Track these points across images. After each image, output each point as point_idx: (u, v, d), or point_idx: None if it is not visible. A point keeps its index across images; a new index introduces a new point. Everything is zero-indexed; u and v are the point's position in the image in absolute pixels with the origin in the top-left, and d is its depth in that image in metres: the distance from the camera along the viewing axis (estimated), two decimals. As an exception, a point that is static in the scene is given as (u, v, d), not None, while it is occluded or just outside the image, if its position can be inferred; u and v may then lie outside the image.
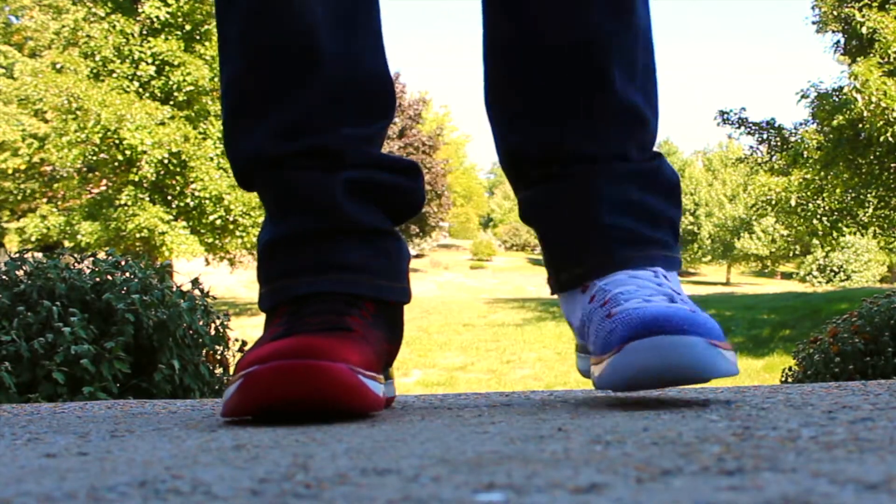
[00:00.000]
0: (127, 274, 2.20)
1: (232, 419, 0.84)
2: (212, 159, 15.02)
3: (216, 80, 15.35)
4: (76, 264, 2.23)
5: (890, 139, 11.72)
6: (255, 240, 15.78)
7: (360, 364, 0.79)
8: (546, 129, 0.97)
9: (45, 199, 17.73)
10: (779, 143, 14.19)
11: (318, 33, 0.91)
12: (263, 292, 0.95)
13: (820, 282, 30.28)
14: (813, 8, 14.14)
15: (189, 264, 18.88)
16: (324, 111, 0.93)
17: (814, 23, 14.23)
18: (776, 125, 14.21)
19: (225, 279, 21.70)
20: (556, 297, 1.04)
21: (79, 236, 15.09)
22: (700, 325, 0.79)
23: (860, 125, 12.04)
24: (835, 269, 30.75)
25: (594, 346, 0.88)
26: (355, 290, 0.91)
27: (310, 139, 0.92)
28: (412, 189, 1.00)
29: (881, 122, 11.61)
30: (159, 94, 15.44)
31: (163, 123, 14.83)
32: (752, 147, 14.74)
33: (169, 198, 15.66)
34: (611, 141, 0.96)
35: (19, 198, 17.65)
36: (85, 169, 15.93)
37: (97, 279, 2.17)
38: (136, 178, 15.03)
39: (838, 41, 14.09)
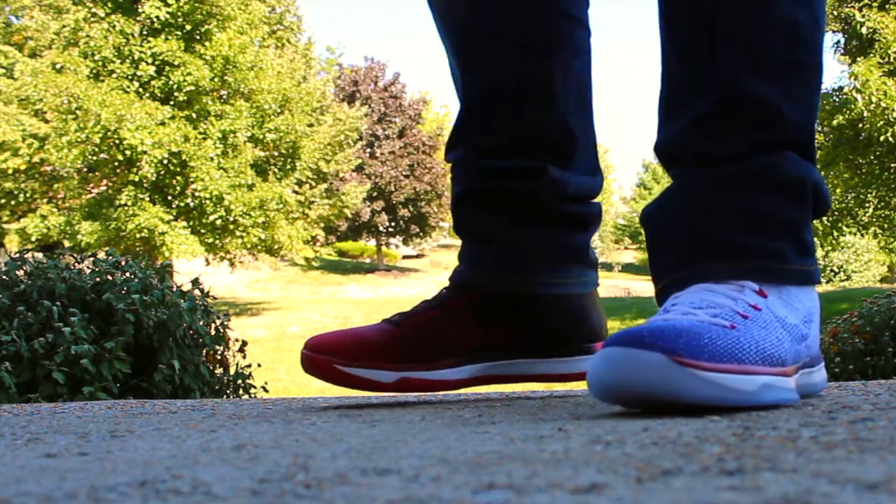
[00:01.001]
0: (127, 274, 2.20)
1: (232, 414, 0.83)
2: (212, 159, 15.02)
3: (216, 80, 15.36)
4: (76, 264, 2.23)
5: (890, 139, 11.72)
6: (254, 240, 15.87)
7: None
8: (674, 126, 0.92)
9: (45, 199, 17.73)
10: (779, 143, 14.17)
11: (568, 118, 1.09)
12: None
13: (820, 282, 30.24)
14: (813, 8, 14.11)
15: (189, 264, 18.89)
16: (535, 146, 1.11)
17: (814, 23, 14.21)
18: (776, 125, 14.20)
19: (225, 279, 21.69)
20: None
21: (79, 236, 15.09)
22: (671, 338, 0.71)
23: (860, 125, 12.04)
24: (835, 269, 30.75)
25: None
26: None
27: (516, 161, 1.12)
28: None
29: (881, 122, 11.61)
30: (159, 95, 15.43)
31: (163, 123, 14.82)
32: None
33: (169, 198, 15.65)
34: (726, 138, 0.87)
35: (20, 198, 17.65)
36: (85, 169, 15.92)
37: (97, 279, 2.17)
38: (136, 178, 15.02)
39: (838, 41, 14.09)
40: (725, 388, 0.72)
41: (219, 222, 15.51)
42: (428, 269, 32.93)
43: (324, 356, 1.01)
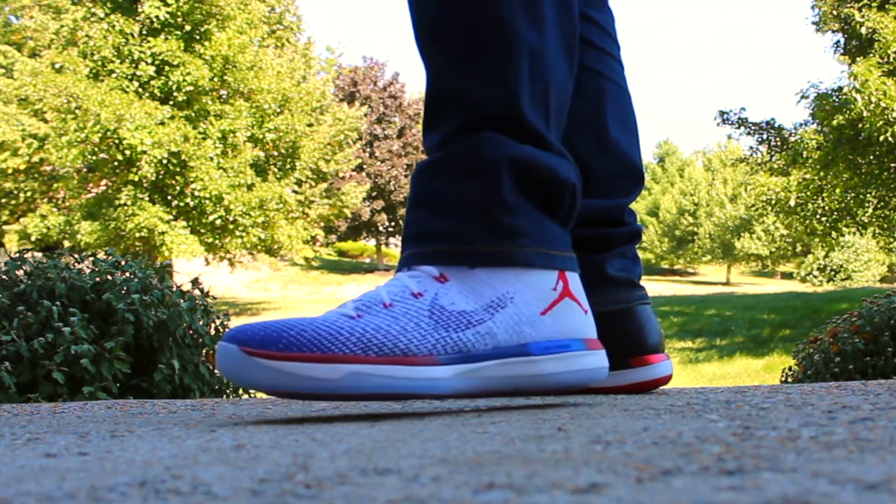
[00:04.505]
0: (127, 274, 2.20)
1: (232, 414, 0.83)
2: (212, 159, 15.01)
3: (216, 79, 15.36)
4: (76, 264, 2.23)
5: (890, 139, 11.72)
6: (254, 240, 15.85)
7: None
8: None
9: (44, 199, 17.72)
10: (778, 144, 14.18)
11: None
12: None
13: (820, 282, 30.29)
14: (813, 8, 14.13)
15: (189, 264, 18.89)
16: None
17: (814, 23, 14.22)
18: (776, 125, 14.21)
19: (225, 279, 21.69)
20: None
21: (79, 236, 15.08)
22: (257, 331, 0.78)
23: (860, 125, 12.04)
24: (835, 269, 30.75)
25: None
26: None
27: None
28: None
29: (881, 122, 11.61)
30: (159, 94, 15.43)
31: (162, 123, 14.82)
32: (751, 147, 14.74)
33: (169, 198, 15.65)
34: (437, 126, 0.90)
35: (19, 198, 17.65)
36: (84, 169, 15.92)
37: (97, 279, 2.17)
38: (136, 178, 15.02)
39: (838, 41, 14.09)
40: (297, 375, 0.76)
41: (218, 222, 15.51)
42: (428, 268, 32.86)
43: None
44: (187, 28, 15.32)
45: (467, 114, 0.87)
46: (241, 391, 2.42)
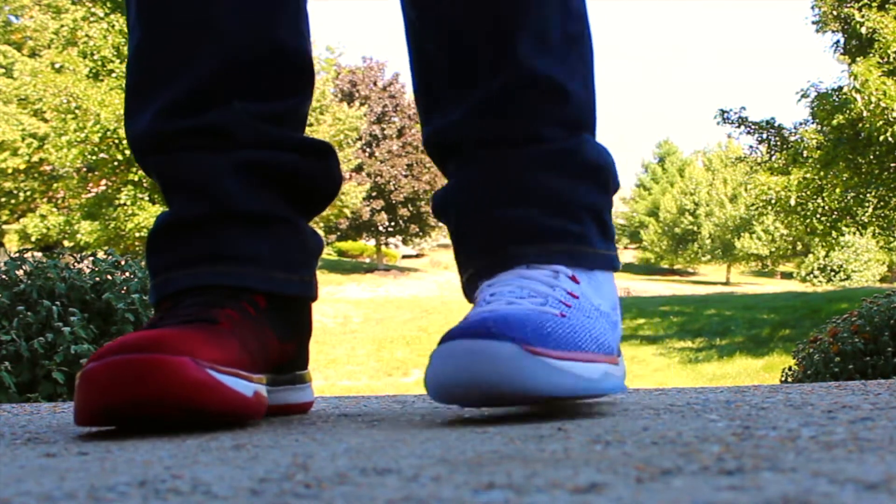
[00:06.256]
0: (127, 273, 2.20)
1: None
2: (211, 159, 15.01)
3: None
4: (76, 264, 2.23)
5: (890, 139, 11.73)
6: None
7: (214, 358, 0.69)
8: (453, 113, 0.85)
9: (44, 199, 17.73)
10: (778, 143, 14.19)
11: (217, 3, 0.84)
12: (150, 287, 0.87)
13: (820, 282, 30.30)
14: (813, 8, 14.14)
15: (189, 264, 18.85)
16: (218, 85, 0.84)
17: (814, 23, 14.23)
18: (776, 125, 14.21)
19: (225, 279, 21.65)
20: None
21: (78, 236, 15.09)
22: (518, 327, 0.67)
23: (860, 125, 12.04)
24: (835, 268, 30.75)
25: None
26: (241, 282, 0.81)
27: (197, 116, 0.83)
28: (320, 170, 0.90)
29: (881, 122, 11.61)
30: (159, 94, 15.43)
31: (162, 123, 14.81)
32: (751, 146, 14.74)
33: (168, 197, 15.65)
34: (520, 120, 0.83)
35: (19, 198, 17.65)
36: (84, 168, 15.92)
37: (97, 279, 2.17)
38: (136, 178, 15.03)
39: (838, 41, 14.08)
40: (575, 376, 0.70)
41: (218, 222, 15.49)
42: (427, 268, 32.93)
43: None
44: (187, 28, 15.31)
45: (568, 114, 0.84)
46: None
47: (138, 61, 0.87)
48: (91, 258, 2.25)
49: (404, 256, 38.11)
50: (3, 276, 2.10)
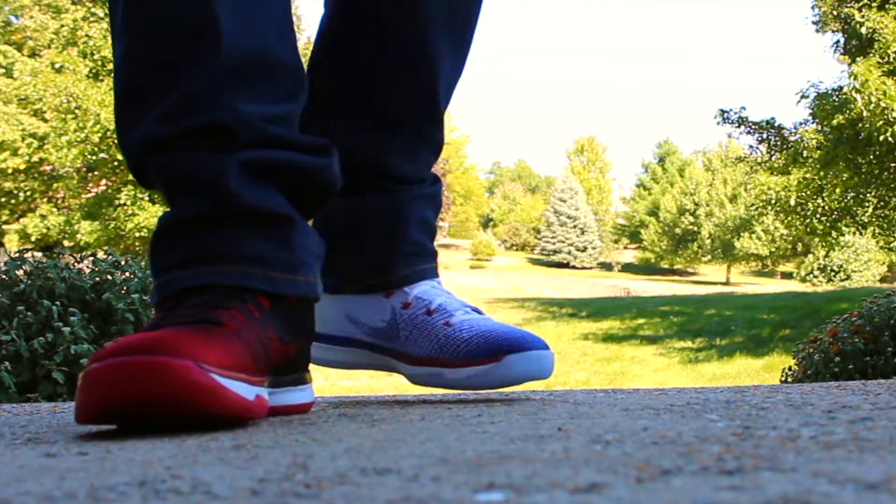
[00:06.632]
0: (127, 274, 2.20)
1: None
2: (211, 159, 15.01)
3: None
4: (76, 264, 2.23)
5: (889, 139, 11.72)
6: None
7: (217, 362, 0.70)
8: (379, 142, 1.06)
9: (44, 199, 17.73)
10: (778, 143, 14.18)
11: (214, 6, 0.83)
12: (153, 287, 0.86)
13: (820, 282, 30.30)
14: (813, 8, 14.14)
15: (189, 264, 18.84)
16: (218, 87, 0.84)
17: (814, 23, 14.23)
18: (776, 124, 14.21)
19: (225, 279, 21.64)
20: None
21: (78, 236, 15.10)
22: (539, 339, 1.04)
23: (860, 125, 12.04)
24: (835, 268, 30.75)
25: (435, 349, 1.03)
26: (243, 282, 0.81)
27: (200, 116, 0.83)
28: (321, 168, 0.91)
29: (881, 122, 11.61)
30: (159, 94, 15.43)
31: (162, 123, 14.82)
32: (751, 146, 14.74)
33: (169, 197, 15.65)
34: (424, 165, 1.09)
35: (19, 198, 17.65)
36: (84, 168, 15.93)
37: (97, 279, 2.17)
38: (136, 178, 15.02)
39: (838, 41, 14.08)
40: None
41: (218, 222, 15.49)
42: (427, 268, 32.82)
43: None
44: (187, 28, 15.31)
45: (435, 164, 1.16)
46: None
47: (129, 68, 0.87)
48: (91, 258, 2.25)
49: (404, 256, 38.03)
50: (3, 276, 2.10)
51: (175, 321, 0.75)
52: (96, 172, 16.01)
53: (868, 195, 13.34)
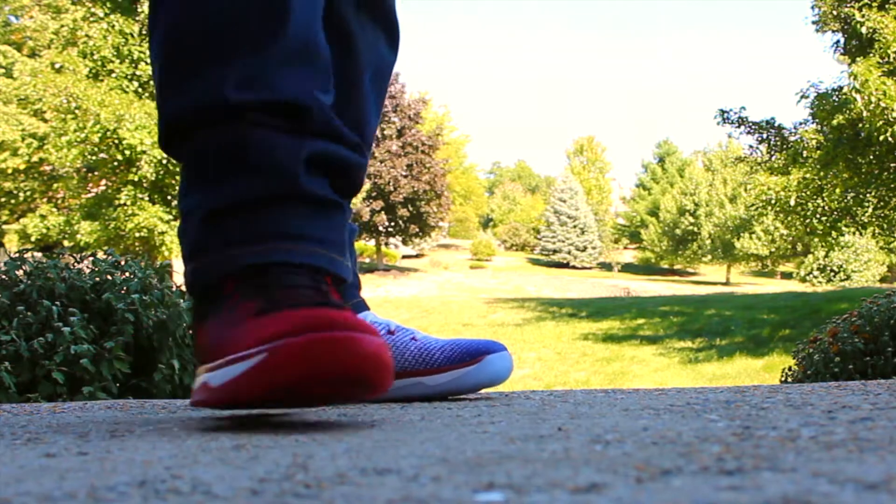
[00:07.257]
0: (127, 274, 2.20)
1: (232, 415, 0.83)
2: (211, 159, 15.00)
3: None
4: (76, 264, 2.23)
5: (889, 139, 11.72)
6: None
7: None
8: None
9: (44, 199, 17.73)
10: (778, 143, 14.18)
11: None
12: (199, 266, 0.84)
13: (820, 282, 30.30)
14: (812, 8, 14.14)
15: (189, 264, 18.83)
16: (291, 66, 0.82)
17: (813, 23, 14.22)
18: (776, 125, 14.21)
19: (224, 279, 21.63)
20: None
21: (78, 236, 15.09)
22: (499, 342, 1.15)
23: (860, 125, 12.04)
24: (835, 269, 30.76)
25: (410, 362, 1.10)
26: (316, 261, 0.82)
27: (279, 92, 0.82)
28: (360, 167, 0.94)
29: (881, 122, 11.61)
30: (159, 94, 15.42)
31: (162, 123, 14.81)
32: (751, 146, 14.74)
33: (168, 197, 15.66)
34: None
35: (19, 198, 17.65)
36: (84, 169, 15.93)
37: (97, 279, 2.17)
38: (136, 178, 15.03)
39: (838, 41, 14.08)
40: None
41: (218, 222, 15.48)
42: (427, 268, 32.92)
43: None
44: (187, 28, 15.29)
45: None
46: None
47: (179, 37, 0.84)
48: (91, 258, 2.25)
49: (404, 256, 38.11)
50: (3, 276, 2.10)
51: (305, 302, 0.73)
52: (96, 172, 16.01)
53: (868, 195, 13.34)
